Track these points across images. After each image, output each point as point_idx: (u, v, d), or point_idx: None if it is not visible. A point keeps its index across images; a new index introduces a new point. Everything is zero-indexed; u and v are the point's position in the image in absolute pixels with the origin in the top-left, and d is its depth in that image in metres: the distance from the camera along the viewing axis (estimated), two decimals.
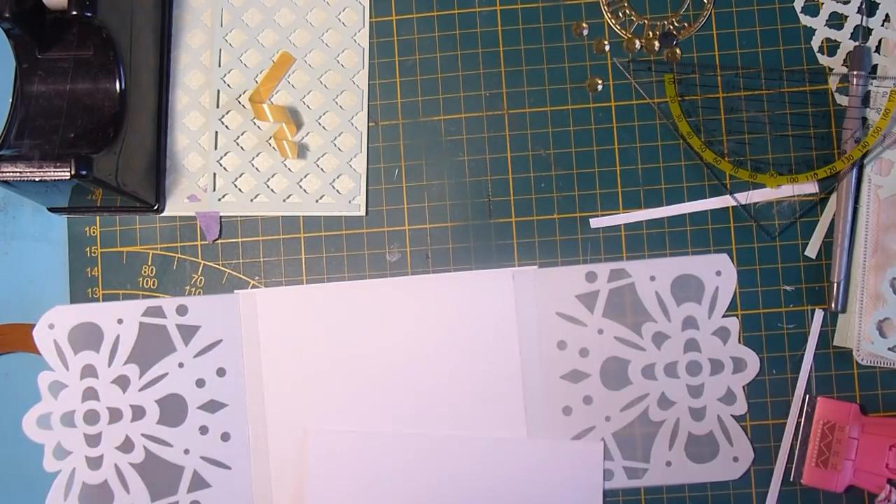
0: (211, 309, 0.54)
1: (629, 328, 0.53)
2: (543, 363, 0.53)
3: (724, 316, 0.53)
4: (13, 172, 0.48)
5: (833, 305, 0.53)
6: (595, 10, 0.55)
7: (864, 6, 0.54)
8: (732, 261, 0.54)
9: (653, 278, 0.53)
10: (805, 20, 0.55)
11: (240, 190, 0.56)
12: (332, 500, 0.52)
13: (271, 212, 0.55)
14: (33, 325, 0.54)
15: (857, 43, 0.54)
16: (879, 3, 0.54)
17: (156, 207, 0.55)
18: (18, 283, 0.56)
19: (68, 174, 0.47)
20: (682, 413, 0.53)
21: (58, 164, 0.47)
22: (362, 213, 0.55)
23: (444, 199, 0.55)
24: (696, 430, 0.53)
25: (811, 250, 0.54)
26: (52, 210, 0.56)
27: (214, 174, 0.56)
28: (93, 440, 0.54)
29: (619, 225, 0.54)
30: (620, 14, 0.55)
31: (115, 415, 0.54)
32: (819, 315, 0.53)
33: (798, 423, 0.53)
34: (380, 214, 0.55)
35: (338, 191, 0.55)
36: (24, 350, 0.55)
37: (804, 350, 0.53)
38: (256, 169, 0.56)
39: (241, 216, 0.55)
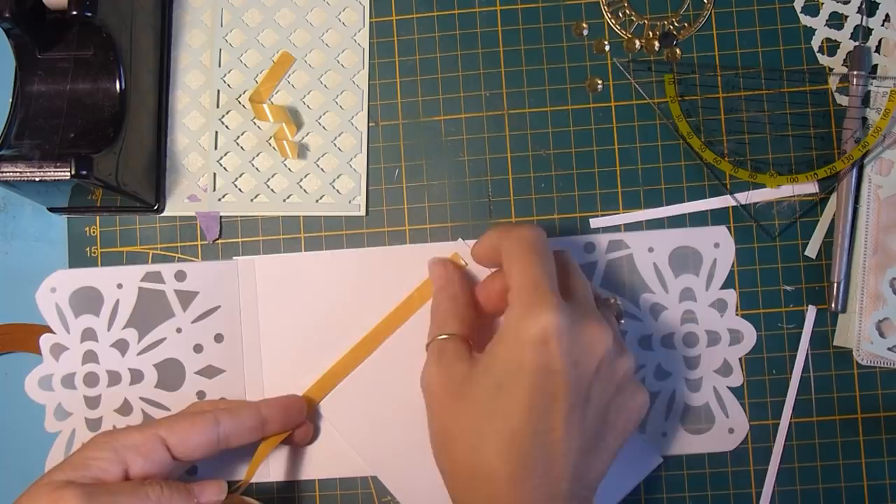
0: (209, 275, 0.54)
1: (627, 299, 0.53)
2: None
3: (721, 288, 0.53)
4: (13, 172, 0.48)
5: (833, 305, 0.53)
6: (595, 10, 0.55)
7: (864, 6, 0.54)
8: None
9: (651, 249, 0.53)
10: (805, 20, 0.55)
11: (240, 190, 0.56)
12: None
13: (271, 212, 0.55)
14: (33, 325, 0.54)
15: (857, 43, 0.54)
16: (879, 3, 0.54)
17: (156, 207, 0.55)
18: (18, 283, 0.56)
19: (68, 174, 0.47)
20: (678, 384, 0.53)
21: (58, 164, 0.47)
22: (362, 213, 0.55)
23: (445, 199, 0.55)
24: (691, 401, 0.53)
25: (811, 250, 0.54)
26: (52, 210, 0.56)
27: (214, 174, 0.56)
28: (92, 402, 0.54)
29: (619, 225, 0.54)
30: (620, 14, 0.55)
31: (114, 378, 0.54)
32: (812, 311, 0.53)
33: (790, 425, 0.53)
34: (380, 214, 0.55)
35: (338, 191, 0.55)
36: (24, 350, 0.55)
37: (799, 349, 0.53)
38: (256, 169, 0.56)
39: (241, 216, 0.55)
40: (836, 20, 0.55)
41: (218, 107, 0.56)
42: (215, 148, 0.56)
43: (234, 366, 0.54)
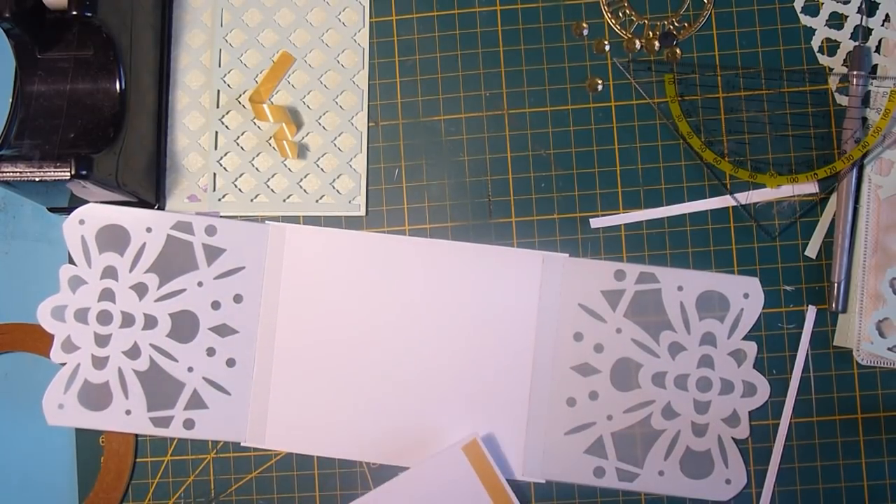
0: (239, 235, 0.54)
1: (648, 333, 0.53)
2: (557, 350, 0.53)
3: (743, 339, 0.53)
4: (13, 172, 0.48)
5: (833, 305, 0.53)
6: (595, 10, 0.55)
7: (864, 6, 0.54)
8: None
9: (680, 288, 0.53)
10: (805, 20, 0.55)
11: (240, 190, 0.56)
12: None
13: (271, 212, 0.55)
14: (33, 325, 0.54)
15: (857, 43, 0.54)
16: (879, 3, 0.54)
17: (156, 207, 0.55)
18: (18, 283, 0.56)
19: (68, 174, 0.47)
20: (684, 426, 0.53)
21: (58, 164, 0.47)
22: (362, 213, 0.55)
23: (444, 199, 0.55)
24: (694, 445, 0.53)
25: (811, 250, 0.54)
26: (52, 210, 0.56)
27: (214, 174, 0.56)
28: (102, 340, 0.54)
29: (619, 225, 0.54)
30: (620, 14, 0.55)
31: (128, 320, 0.54)
32: (812, 311, 0.53)
33: (790, 425, 0.53)
34: (380, 214, 0.55)
35: (338, 191, 0.55)
36: (24, 350, 0.55)
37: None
38: (256, 169, 0.56)
39: (241, 216, 0.55)
40: (836, 20, 0.54)
41: (218, 107, 0.56)
42: (215, 148, 0.56)
43: (249, 328, 0.54)
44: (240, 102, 0.56)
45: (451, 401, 0.53)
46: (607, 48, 0.55)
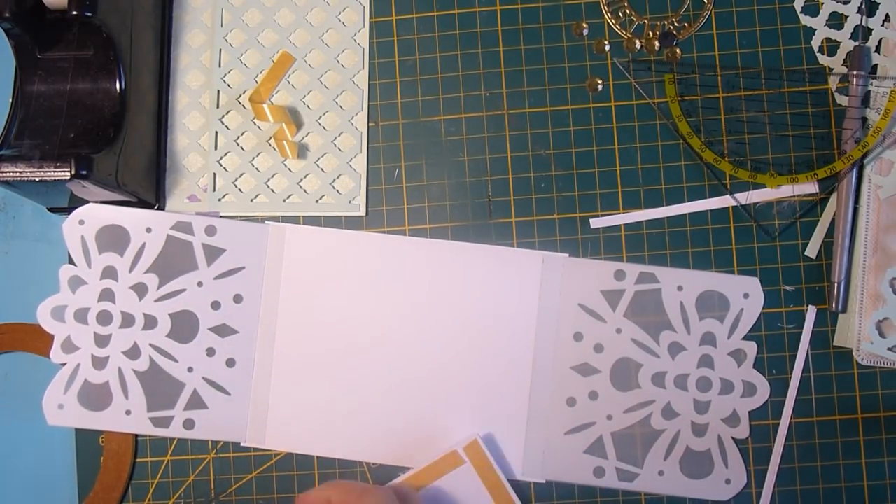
0: (239, 235, 0.54)
1: (648, 333, 0.53)
2: (557, 350, 0.53)
3: (743, 339, 0.53)
4: (13, 172, 0.48)
5: (833, 305, 0.53)
6: (595, 10, 0.55)
7: (864, 6, 0.54)
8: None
9: (680, 288, 0.53)
10: (805, 20, 0.55)
11: (240, 190, 0.56)
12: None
13: (271, 212, 0.55)
14: (33, 325, 0.54)
15: (857, 43, 0.54)
16: (879, 3, 0.54)
17: (156, 207, 0.55)
18: (18, 283, 0.56)
19: (68, 174, 0.47)
20: (684, 426, 0.53)
21: (58, 164, 0.47)
22: (362, 213, 0.55)
23: (444, 199, 0.55)
24: (694, 445, 0.53)
25: (811, 250, 0.54)
26: (52, 210, 0.56)
27: (214, 174, 0.56)
28: (102, 340, 0.54)
29: (619, 225, 0.54)
30: (620, 14, 0.55)
31: (128, 320, 0.54)
32: (812, 311, 0.53)
33: (790, 425, 0.53)
34: (380, 214, 0.55)
35: (338, 191, 0.55)
36: (24, 350, 0.55)
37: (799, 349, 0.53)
38: (256, 169, 0.56)
39: (241, 216, 0.55)
40: (836, 20, 0.55)
41: (218, 107, 0.56)
42: (215, 148, 0.56)
43: (248, 329, 0.54)
44: (240, 102, 0.56)
45: (451, 400, 0.53)
46: (607, 48, 0.55)
